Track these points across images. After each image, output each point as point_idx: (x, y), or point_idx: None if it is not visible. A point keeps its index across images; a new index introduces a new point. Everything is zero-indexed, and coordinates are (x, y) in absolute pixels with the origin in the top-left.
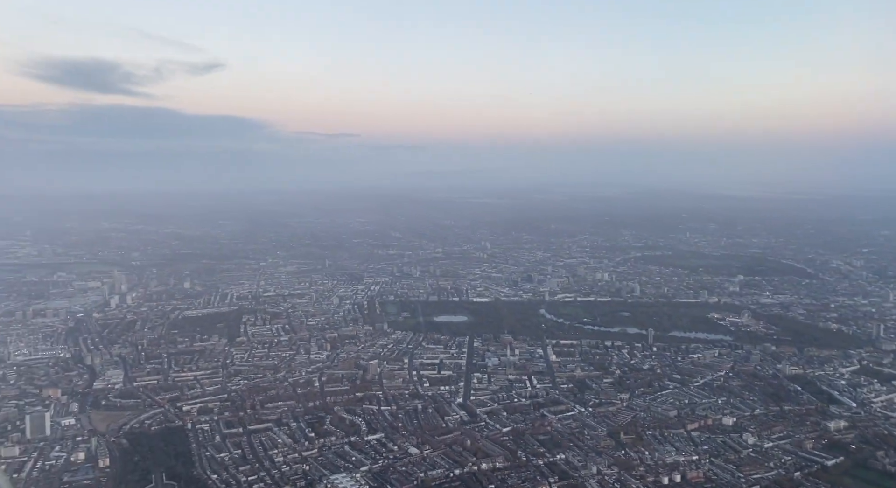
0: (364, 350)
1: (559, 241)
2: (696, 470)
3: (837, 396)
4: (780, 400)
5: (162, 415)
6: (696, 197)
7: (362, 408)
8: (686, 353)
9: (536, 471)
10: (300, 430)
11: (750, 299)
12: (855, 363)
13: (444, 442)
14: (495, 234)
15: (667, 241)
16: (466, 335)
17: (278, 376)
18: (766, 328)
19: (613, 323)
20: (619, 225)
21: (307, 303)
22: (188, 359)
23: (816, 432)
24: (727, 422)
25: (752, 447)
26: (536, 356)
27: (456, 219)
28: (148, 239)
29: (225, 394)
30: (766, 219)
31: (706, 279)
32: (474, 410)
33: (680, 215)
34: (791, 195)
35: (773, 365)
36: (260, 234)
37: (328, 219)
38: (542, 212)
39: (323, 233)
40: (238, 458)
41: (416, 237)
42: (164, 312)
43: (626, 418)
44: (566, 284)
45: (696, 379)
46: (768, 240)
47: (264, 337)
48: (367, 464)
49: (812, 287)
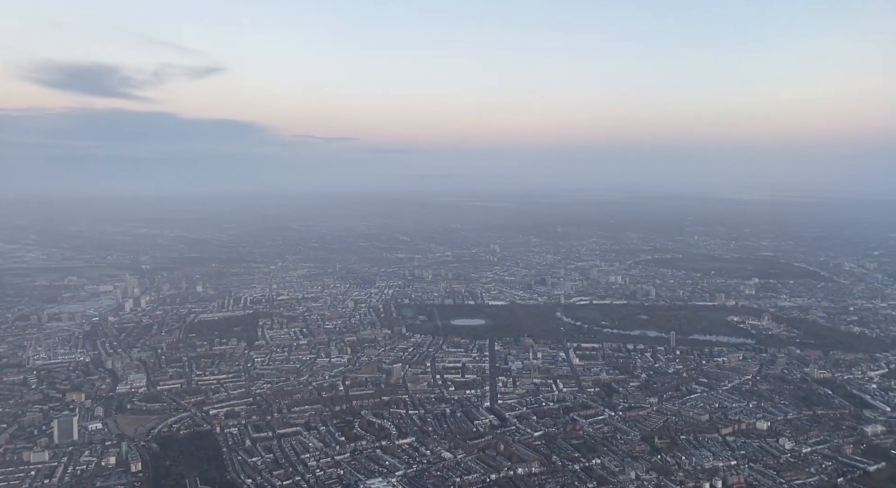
0: (385, 354)
1: (568, 244)
2: (737, 476)
3: (870, 400)
4: (811, 405)
5: (189, 419)
6: (701, 200)
7: (390, 412)
8: (710, 357)
9: (574, 477)
10: (330, 434)
11: (767, 302)
12: (883, 366)
13: (477, 446)
14: (504, 237)
15: (675, 244)
16: (486, 338)
17: (301, 380)
18: (787, 331)
19: (632, 326)
20: (625, 228)
21: (322, 306)
22: (209, 362)
23: (854, 437)
24: (761, 427)
25: (790, 452)
26: (559, 359)
27: (462, 223)
28: (154, 242)
29: (250, 398)
30: (773, 222)
31: (720, 282)
32: (503, 414)
33: (686, 218)
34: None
35: (799, 368)
36: (266, 238)
37: (333, 223)
38: (548, 215)
39: (330, 236)
40: (270, 462)
41: (424, 240)
42: (179, 316)
43: (658, 422)
44: (580, 287)
45: (724, 382)
46: (778, 243)
47: (283, 340)
48: (401, 469)
49: (828, 290)
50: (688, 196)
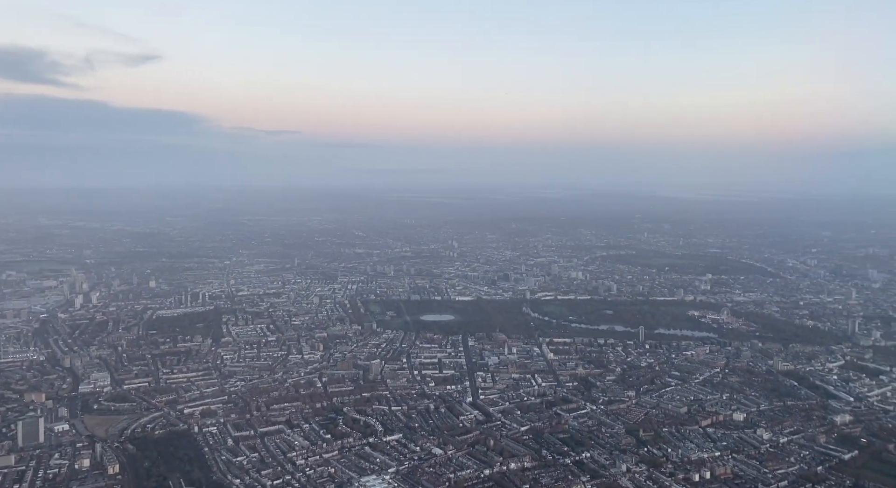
0: (358, 350)
1: (524, 241)
2: (724, 467)
3: (833, 391)
4: (781, 396)
5: (163, 419)
6: (647, 198)
7: (373, 409)
8: (679, 350)
9: (566, 471)
10: (314, 432)
11: (723, 297)
12: (839, 358)
13: (466, 441)
14: (460, 234)
15: (627, 241)
16: (459, 334)
17: (276, 377)
18: (746, 325)
19: (599, 321)
20: (577, 225)
21: (286, 302)
22: (175, 360)
23: (825, 426)
24: (738, 418)
25: (768, 442)
26: (534, 354)
27: (417, 219)
28: (96, 236)
29: (225, 396)
30: (716, 220)
31: (676, 278)
32: (487, 409)
33: (634, 216)
34: (736, 197)
35: (764, 361)
36: (216, 232)
37: (284, 218)
38: (501, 212)
39: (283, 231)
40: (257, 462)
41: (380, 236)
42: (135, 312)
43: (639, 415)
44: (543, 283)
45: (695, 375)
46: (723, 240)
47: (250, 337)
48: (393, 466)
49: (777, 285)
50: (634, 194)
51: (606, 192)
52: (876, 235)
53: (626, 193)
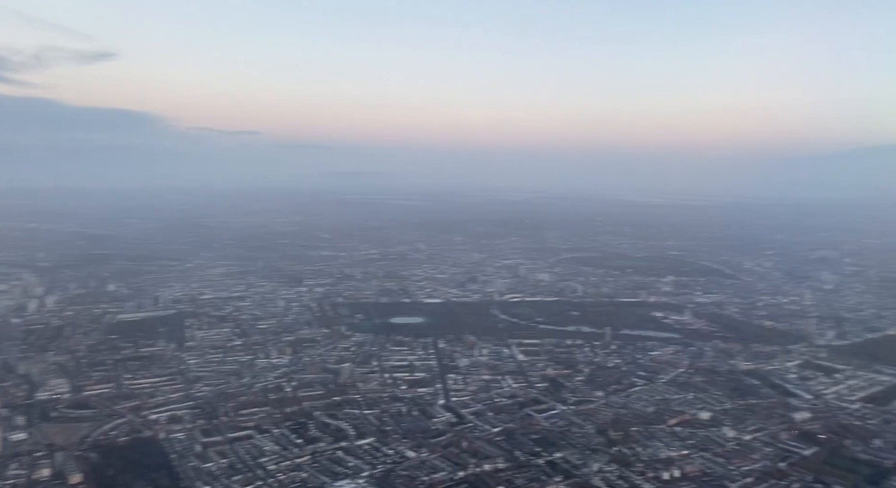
0: (327, 353)
1: (491, 243)
2: (692, 465)
3: (792, 389)
4: (743, 395)
5: (127, 426)
6: (608, 202)
7: (344, 413)
8: (644, 351)
9: (540, 471)
10: (285, 437)
11: (685, 298)
12: (797, 358)
13: (439, 444)
14: (427, 236)
15: (590, 244)
16: (429, 336)
17: (243, 382)
18: (708, 326)
19: (566, 322)
20: (542, 228)
21: (251, 305)
22: (137, 365)
23: (786, 423)
24: (704, 417)
25: (733, 440)
26: (504, 356)
27: (383, 221)
28: (49, 238)
29: (192, 402)
30: (675, 223)
31: (639, 279)
32: (459, 411)
33: (595, 219)
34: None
35: (726, 360)
36: (175, 234)
37: (246, 219)
38: (467, 214)
39: (245, 233)
40: (227, 468)
41: (345, 238)
42: (94, 316)
43: (609, 415)
44: (511, 285)
45: (661, 375)
46: (681, 243)
47: (215, 341)
48: (366, 470)
49: (735, 286)
50: (597, 198)
51: (570, 196)
52: (825, 238)
53: (588, 197)
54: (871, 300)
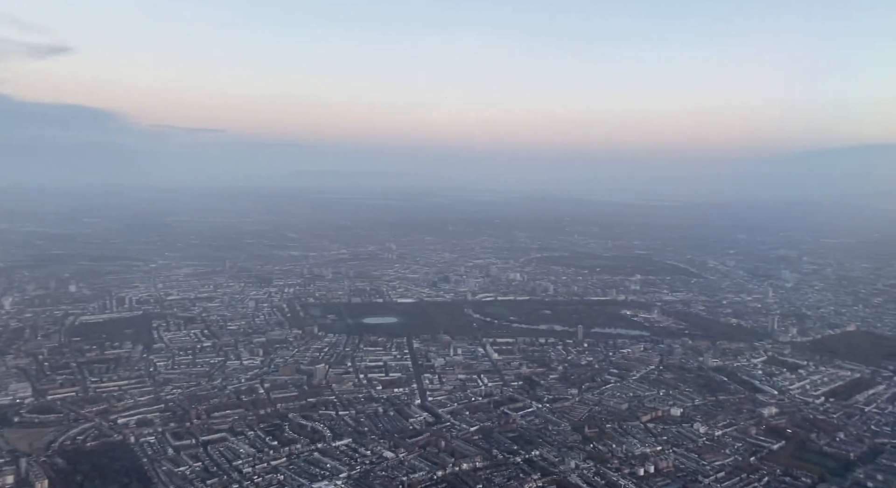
0: (300, 354)
1: (462, 243)
2: (666, 461)
3: (759, 385)
4: (713, 391)
5: (95, 430)
6: (575, 202)
7: (319, 414)
8: (615, 348)
9: (517, 469)
10: (259, 439)
11: (653, 297)
12: (762, 354)
13: (417, 444)
14: (397, 236)
15: (560, 243)
16: (403, 336)
17: (215, 384)
18: (676, 323)
19: (539, 320)
20: (512, 227)
21: (220, 306)
22: (104, 368)
23: (754, 419)
24: (675, 413)
25: (705, 436)
26: (479, 355)
27: (352, 220)
28: (5, 238)
29: (162, 405)
30: (640, 223)
31: (608, 278)
32: (436, 411)
33: (564, 219)
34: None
35: (694, 357)
36: (138, 234)
37: (211, 219)
38: (438, 214)
39: (211, 233)
40: (201, 471)
41: (315, 238)
42: (55, 318)
43: (583, 412)
44: (483, 284)
45: (633, 372)
46: (648, 243)
47: (184, 343)
48: (344, 471)
49: (701, 285)
50: (565, 198)
51: (538, 196)
52: (784, 237)
53: (557, 197)
54: (830, 298)
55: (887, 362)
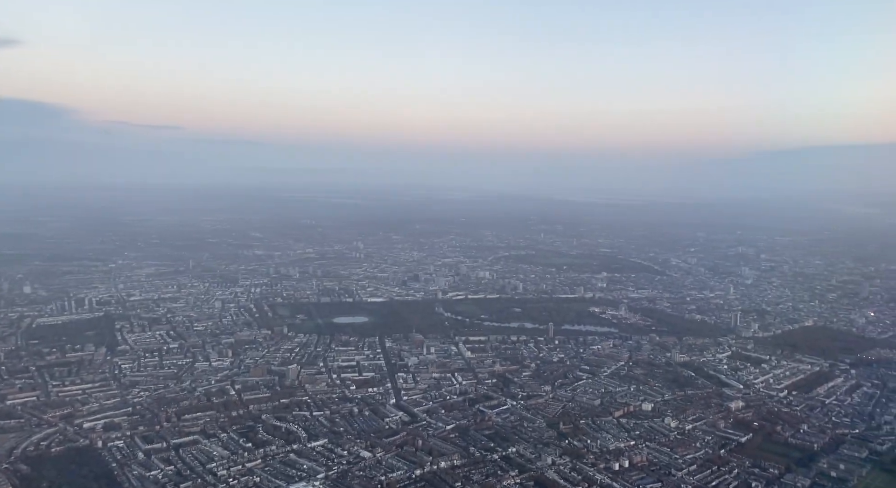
0: (270, 355)
1: (429, 241)
2: (640, 455)
3: (725, 379)
4: (681, 386)
5: (59, 435)
6: (540, 201)
7: (293, 415)
8: (585, 345)
9: (495, 466)
10: (233, 441)
11: (619, 294)
12: (727, 349)
13: (394, 443)
14: (364, 234)
15: (526, 242)
16: (375, 335)
17: (184, 386)
18: (643, 320)
19: (509, 318)
20: (478, 226)
21: (185, 307)
22: (65, 371)
23: (722, 412)
24: (646, 408)
25: (676, 430)
26: (452, 353)
27: (318, 219)
28: None
29: (129, 408)
30: (604, 222)
31: (575, 276)
32: (412, 410)
33: (529, 217)
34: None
35: (662, 353)
36: (95, 233)
37: (171, 218)
38: (404, 213)
39: (171, 232)
40: (174, 474)
41: (279, 237)
42: (10, 321)
43: (557, 409)
44: (453, 283)
45: (603, 369)
46: (612, 241)
47: (149, 344)
48: (321, 471)
49: (665, 282)
50: (530, 197)
51: (503, 195)
52: (741, 236)
53: (522, 196)
54: (788, 294)
55: (844, 356)
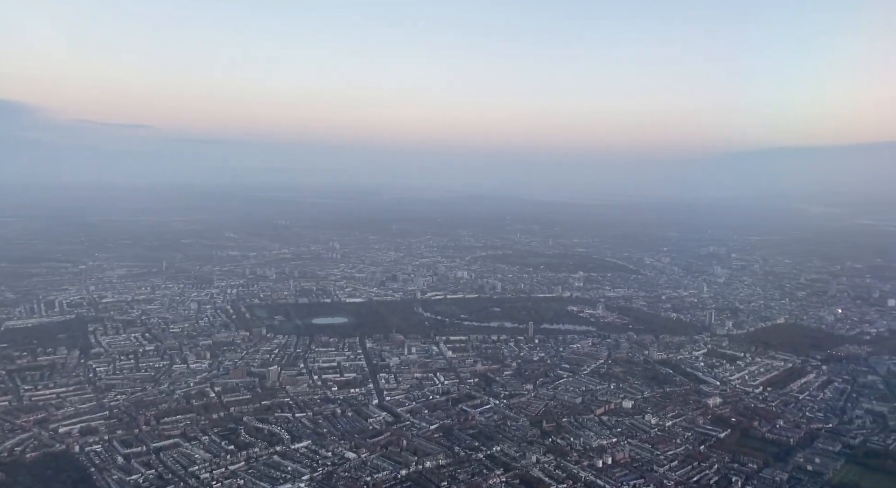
0: (249, 357)
1: (406, 242)
2: (622, 452)
3: (702, 376)
4: (660, 383)
5: (34, 440)
6: (515, 201)
7: (275, 417)
8: (565, 344)
9: (480, 465)
10: (215, 444)
11: (596, 293)
12: (703, 347)
13: (378, 443)
14: (340, 235)
15: (503, 241)
16: (355, 336)
17: (162, 389)
18: (620, 319)
19: (489, 318)
20: (455, 226)
21: (160, 308)
22: (38, 375)
23: (700, 409)
24: (627, 406)
25: (656, 426)
26: (433, 353)
27: (292, 219)
28: None
29: (106, 412)
30: (578, 222)
31: (552, 275)
32: (395, 410)
33: (505, 217)
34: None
35: (640, 351)
36: (64, 234)
37: (142, 218)
38: (380, 213)
39: (143, 232)
40: (155, 478)
41: (254, 237)
42: None
43: (540, 407)
44: (431, 283)
45: (583, 367)
46: (587, 240)
47: (124, 347)
48: (306, 473)
49: (640, 281)
50: (505, 197)
51: (479, 195)
52: (712, 235)
53: (497, 196)
54: (759, 292)
55: (815, 352)
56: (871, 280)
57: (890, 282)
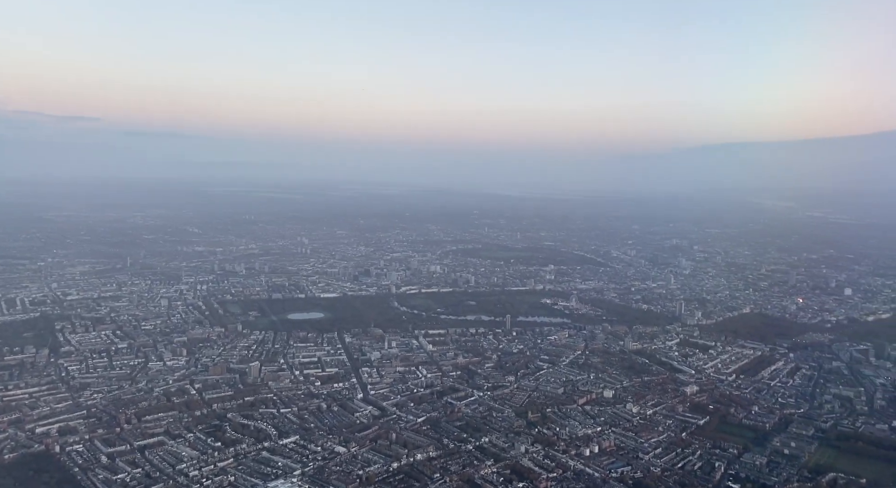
0: (227, 353)
1: (376, 236)
2: (608, 440)
3: (678, 366)
4: (638, 373)
5: (11, 441)
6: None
7: (260, 413)
8: (543, 336)
9: (470, 456)
10: (201, 441)
11: (567, 285)
12: (675, 336)
13: (367, 437)
14: (308, 229)
15: (471, 236)
16: (333, 331)
17: (140, 386)
18: (593, 310)
19: (465, 311)
20: (423, 220)
21: (129, 305)
22: (6, 375)
23: (679, 397)
24: (608, 395)
25: (638, 415)
26: (414, 347)
27: (256, 214)
28: None
29: (84, 411)
30: (544, 216)
31: (524, 269)
32: (381, 404)
33: (472, 212)
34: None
35: (616, 342)
36: (17, 230)
37: (99, 214)
38: (344, 207)
39: (102, 228)
40: (142, 477)
41: (219, 233)
42: None
43: (523, 398)
44: (405, 277)
45: (562, 358)
46: (553, 234)
47: (95, 345)
48: (297, 468)
49: (609, 273)
50: (470, 192)
51: (444, 190)
52: (674, 228)
53: (462, 191)
54: (724, 283)
55: (781, 340)
56: (827, 270)
57: (844, 271)
